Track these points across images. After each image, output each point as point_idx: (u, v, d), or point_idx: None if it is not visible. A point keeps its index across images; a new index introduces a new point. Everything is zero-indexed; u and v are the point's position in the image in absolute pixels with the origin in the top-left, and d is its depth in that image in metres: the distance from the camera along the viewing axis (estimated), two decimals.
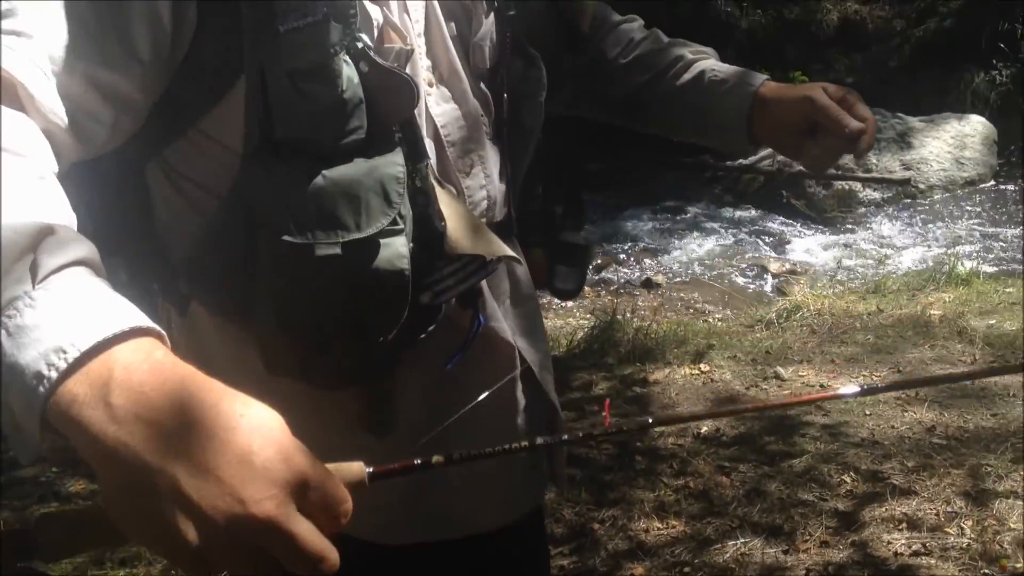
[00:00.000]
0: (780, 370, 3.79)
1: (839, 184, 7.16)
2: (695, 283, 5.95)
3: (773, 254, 6.43)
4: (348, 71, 0.91)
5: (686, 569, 2.50)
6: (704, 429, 3.25)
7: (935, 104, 7.79)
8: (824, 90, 1.19)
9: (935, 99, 7.88)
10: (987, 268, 5.71)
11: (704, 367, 3.84)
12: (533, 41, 1.14)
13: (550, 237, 1.24)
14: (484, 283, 1.10)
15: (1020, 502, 2.72)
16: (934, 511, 2.72)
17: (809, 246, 6.56)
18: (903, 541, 2.59)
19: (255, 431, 0.59)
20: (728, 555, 2.55)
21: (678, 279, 6.06)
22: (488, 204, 1.12)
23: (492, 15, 1.10)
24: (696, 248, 6.54)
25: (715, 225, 6.91)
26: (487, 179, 1.11)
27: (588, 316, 4.73)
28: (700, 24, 8.22)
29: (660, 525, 2.70)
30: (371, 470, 0.68)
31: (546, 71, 1.15)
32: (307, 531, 0.59)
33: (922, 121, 7.51)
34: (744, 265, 6.23)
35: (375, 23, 0.97)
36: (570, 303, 5.58)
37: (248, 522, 0.57)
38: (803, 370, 3.83)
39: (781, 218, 6.98)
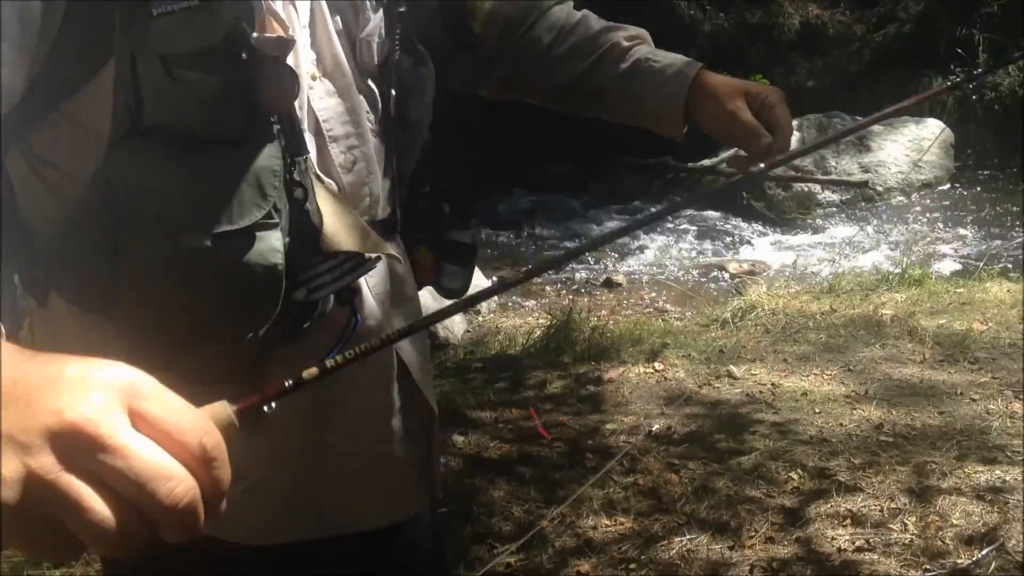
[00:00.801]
0: (733, 368, 3.82)
1: (798, 186, 7.23)
2: (655, 283, 5.99)
3: (732, 255, 6.48)
4: (226, 59, 0.89)
5: (632, 566, 2.51)
6: (656, 427, 3.27)
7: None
8: (747, 94, 1.23)
9: (894, 103, 7.97)
10: (941, 269, 5.80)
11: (658, 366, 3.87)
12: (423, 39, 1.13)
13: (437, 236, 1.22)
14: (364, 282, 1.08)
15: (963, 499, 2.76)
16: (878, 507, 2.75)
17: (768, 247, 6.62)
18: (847, 537, 2.63)
19: (71, 360, 0.51)
20: (674, 551, 2.57)
21: (638, 279, 6.09)
22: (371, 201, 1.10)
23: (380, 11, 1.09)
24: (657, 248, 6.58)
25: (676, 226, 6.95)
26: (370, 176, 1.09)
27: (547, 315, 4.74)
28: (664, 27, 8.26)
29: (608, 522, 2.71)
30: (236, 406, 0.58)
31: (440, 68, 1.15)
32: (143, 445, 0.48)
33: (880, 124, 7.60)
34: (704, 266, 6.27)
35: (255, 11, 0.93)
36: (530, 302, 5.61)
37: (61, 434, 0.47)
38: (756, 368, 3.86)
39: (741, 219, 7.04)
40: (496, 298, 5.43)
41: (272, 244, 0.92)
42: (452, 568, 2.51)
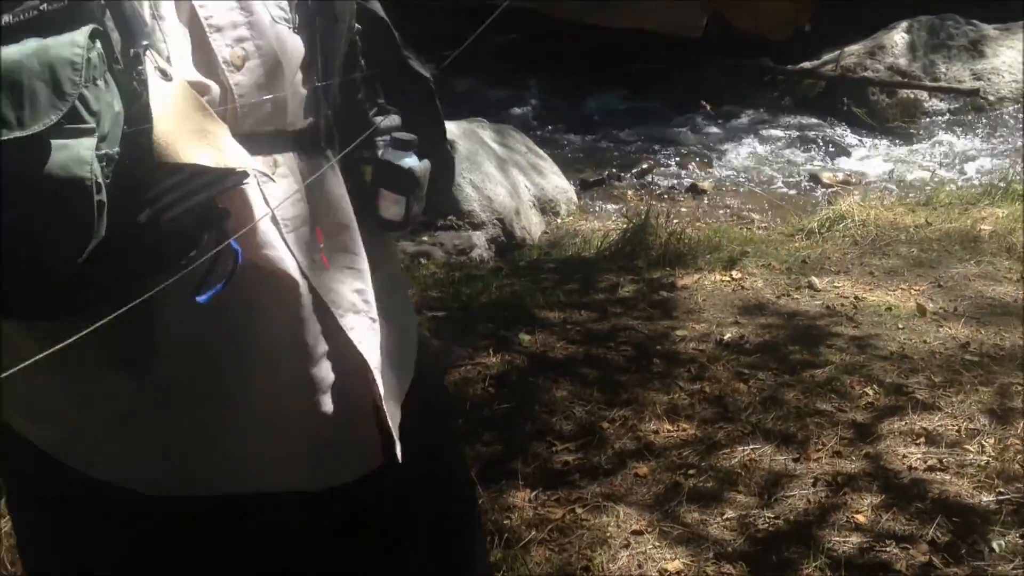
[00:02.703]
0: (815, 280, 3.69)
1: (904, 92, 6.86)
2: (743, 191, 5.80)
3: (828, 164, 6.22)
4: None
5: (691, 471, 2.47)
6: (728, 336, 3.19)
7: (1014, 12, 7.36)
8: None
9: (1015, 5, 7.44)
10: None
11: (736, 274, 3.75)
12: None
13: (372, 154, 1.05)
14: (258, 204, 0.93)
15: None
16: (955, 427, 2.64)
17: (867, 156, 6.33)
18: (919, 456, 2.53)
19: None
20: (736, 460, 2.52)
21: (725, 186, 5.90)
22: (274, 107, 0.94)
23: None
24: (748, 155, 6.36)
25: (770, 132, 6.69)
26: (266, 75, 0.93)
27: (625, 219, 4.64)
28: None
29: (670, 427, 2.67)
30: None
31: None
32: None
33: (997, 29, 7.12)
34: (796, 174, 6.04)
35: None
36: (611, 206, 5.50)
37: None
38: (839, 281, 3.72)
39: (840, 126, 6.73)
40: (576, 200, 5.35)
41: (78, 153, 0.75)
42: (510, 462, 2.51)
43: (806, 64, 7.26)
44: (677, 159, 6.25)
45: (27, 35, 0.74)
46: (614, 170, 6.01)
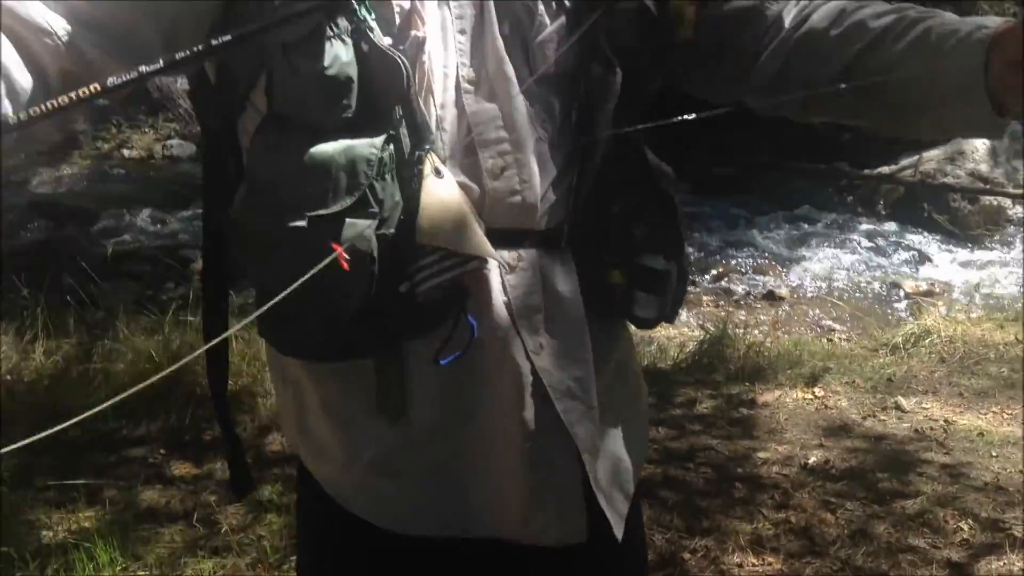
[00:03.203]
0: (901, 400, 3.58)
1: (986, 199, 6.74)
2: (821, 299, 5.70)
3: (909, 272, 6.10)
4: (341, 49, 0.95)
5: None
6: (812, 459, 3.10)
7: None
8: None
9: None
10: None
11: (818, 391, 3.67)
12: (619, 46, 1.07)
13: (627, 259, 1.15)
14: (503, 291, 1.07)
15: None
16: None
17: (950, 265, 6.20)
18: None
19: None
20: None
21: (804, 293, 5.82)
22: (522, 209, 1.07)
23: (562, 18, 1.07)
24: (827, 261, 6.27)
25: (848, 237, 6.61)
26: (523, 184, 1.06)
27: (701, 328, 4.59)
28: None
29: (755, 561, 2.58)
30: None
31: (650, 76, 1.12)
32: None
33: None
34: (877, 282, 5.93)
35: (396, 8, 0.99)
36: (685, 312, 5.45)
37: None
38: (927, 402, 3.61)
39: (921, 233, 6.62)
40: None
41: (361, 232, 0.97)
42: None
43: (884, 169, 7.20)
44: (754, 264, 6.20)
45: (344, 135, 0.96)
46: (690, 274, 5.99)
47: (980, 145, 7.04)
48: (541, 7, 1.07)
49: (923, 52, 1.07)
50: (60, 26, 0.90)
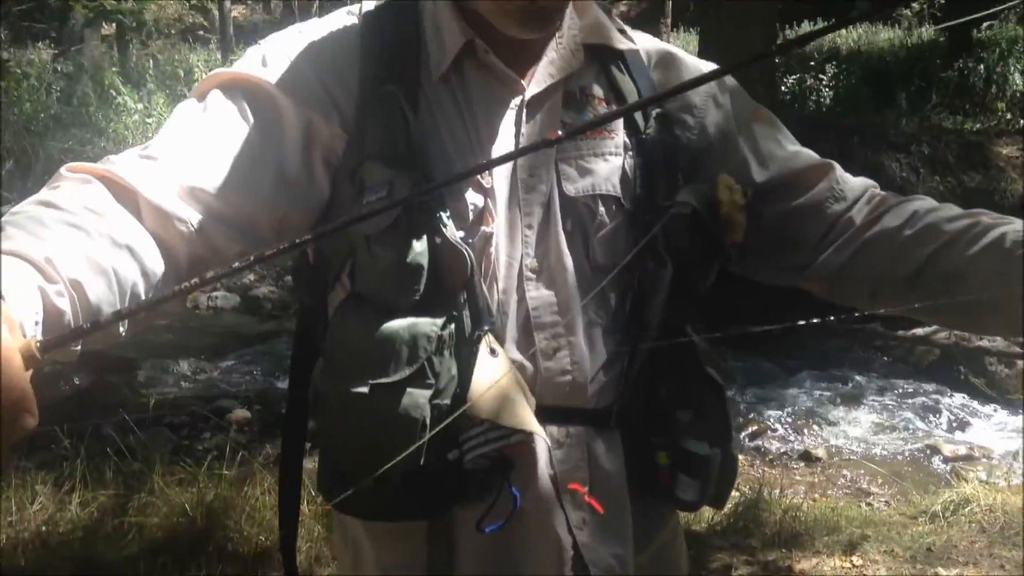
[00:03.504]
0: (941, 572, 3.50)
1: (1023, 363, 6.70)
2: (858, 461, 5.63)
3: (947, 435, 6.03)
4: (415, 241, 1.08)
5: None
6: None
7: None
8: None
9: None
10: None
11: (856, 560, 3.60)
12: (670, 245, 1.18)
13: (672, 442, 1.21)
14: (549, 463, 1.15)
15: None
16: None
17: (989, 429, 6.11)
18: None
19: None
20: None
21: (840, 455, 5.75)
22: (572, 389, 1.16)
23: (621, 217, 1.19)
24: (863, 422, 6.22)
25: (885, 399, 6.57)
26: (574, 366, 1.16)
27: (736, 489, 4.54)
28: None
29: None
30: (39, 340, 0.76)
31: (701, 274, 1.21)
32: None
33: None
34: (915, 445, 5.85)
35: (471, 206, 1.14)
36: None
37: None
38: (968, 573, 3.51)
39: (959, 396, 6.56)
40: None
41: (417, 401, 1.06)
42: None
43: (918, 331, 7.22)
44: (790, 423, 6.16)
45: (412, 314, 1.08)
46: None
47: None
48: (602, 208, 1.19)
49: (996, 257, 1.11)
50: (193, 217, 1.04)
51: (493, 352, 1.10)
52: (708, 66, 1.33)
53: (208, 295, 8.61)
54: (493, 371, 1.09)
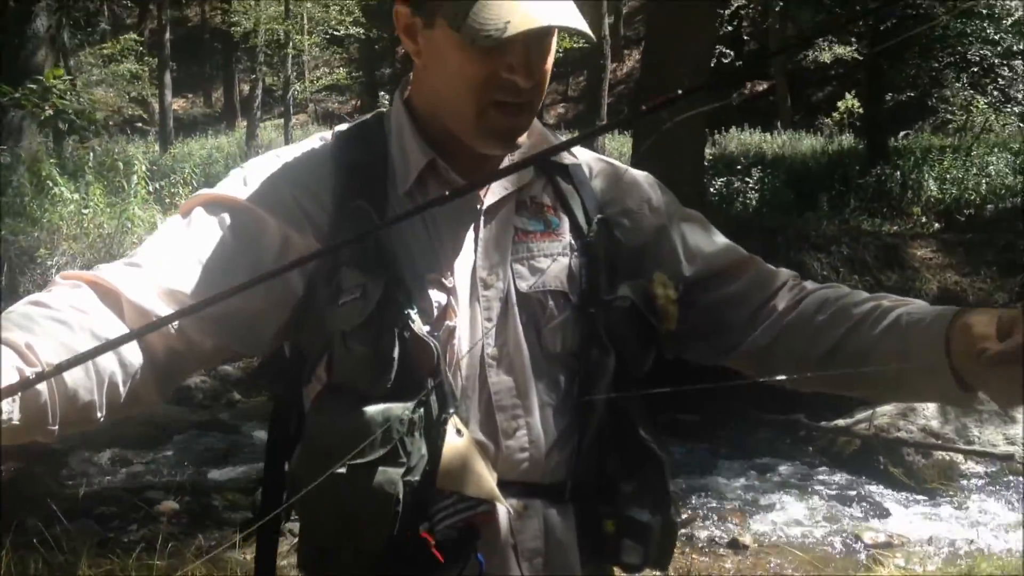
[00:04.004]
0: None
1: (939, 454, 6.96)
2: (784, 547, 5.77)
3: (868, 522, 6.21)
4: (386, 336, 1.19)
5: None
6: None
7: None
8: (999, 320, 1.13)
9: None
10: None
11: None
12: (616, 334, 1.32)
13: (617, 511, 1.33)
14: (509, 533, 1.27)
15: None
16: None
17: (906, 517, 6.31)
18: None
19: None
20: None
21: (767, 541, 5.89)
22: (529, 466, 1.30)
23: (568, 311, 1.34)
24: (788, 510, 6.38)
25: (809, 487, 6.76)
26: (531, 444, 1.29)
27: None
28: None
29: None
30: None
31: (640, 360, 1.34)
32: None
33: None
34: (837, 533, 6.02)
35: (435, 304, 1.26)
36: None
37: None
38: None
39: (878, 484, 6.78)
40: None
41: (391, 478, 1.17)
42: None
43: (840, 422, 7.47)
44: (718, 510, 6.29)
45: (384, 400, 1.19)
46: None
47: (930, 403, 7.36)
48: (551, 302, 1.33)
49: (895, 337, 1.26)
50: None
51: (459, 432, 1.22)
52: (641, 174, 1.51)
53: None
54: (460, 449, 1.21)
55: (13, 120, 12.22)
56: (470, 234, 1.32)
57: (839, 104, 21.54)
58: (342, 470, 1.15)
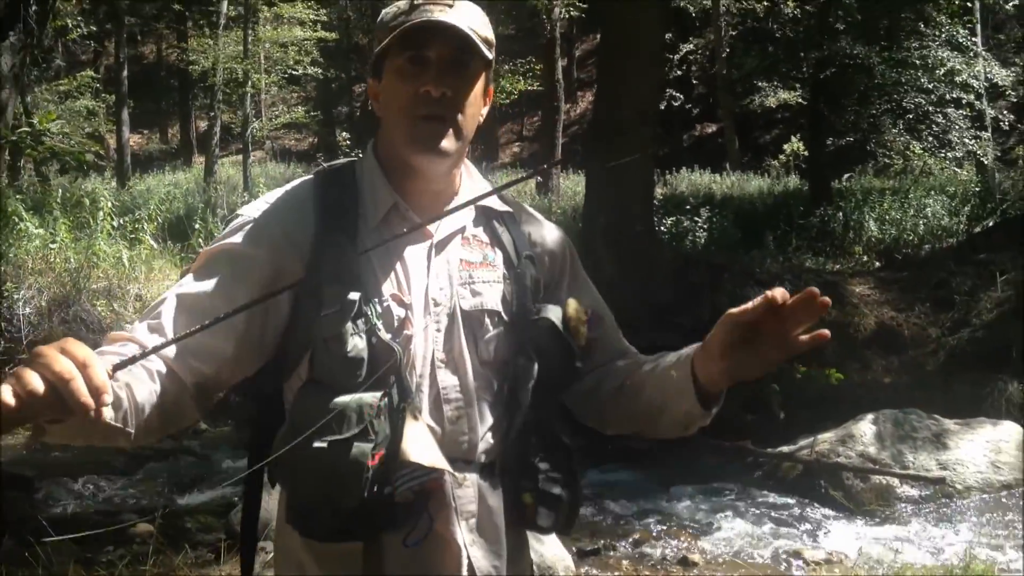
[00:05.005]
0: None
1: (876, 478, 7.37)
2: (731, 564, 6.11)
3: (809, 542, 6.58)
4: (359, 341, 1.52)
5: None
6: None
7: (970, 410, 8.09)
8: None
9: (970, 405, 8.19)
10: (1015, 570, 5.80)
11: None
12: (538, 347, 1.67)
13: (534, 486, 1.67)
14: (451, 498, 1.60)
15: None
16: None
17: (845, 537, 6.69)
18: None
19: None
20: None
21: (715, 559, 6.22)
22: (468, 447, 1.64)
23: (501, 328, 1.69)
24: (734, 530, 6.73)
25: (754, 509, 7.11)
26: (470, 431, 1.64)
27: None
28: None
29: None
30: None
31: (557, 368, 1.67)
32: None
33: (957, 424, 7.79)
34: (781, 551, 6.38)
35: (396, 316, 1.59)
36: (607, 574, 5.79)
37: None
38: None
39: (819, 507, 7.16)
40: (573, 568, 5.66)
41: (363, 450, 1.47)
42: None
43: (784, 448, 7.86)
44: (669, 531, 6.62)
45: (356, 391, 1.51)
46: (609, 540, 6.37)
47: (867, 429, 7.78)
48: (487, 319, 1.68)
49: (658, 365, 1.67)
50: (191, 360, 1.52)
51: (415, 417, 1.55)
52: (552, 226, 1.87)
53: None
54: (416, 430, 1.54)
55: None
56: (423, 262, 1.66)
57: (785, 147, 22.33)
58: (323, 444, 1.46)
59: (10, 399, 1.10)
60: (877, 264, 13.39)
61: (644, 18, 10.31)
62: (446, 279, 1.67)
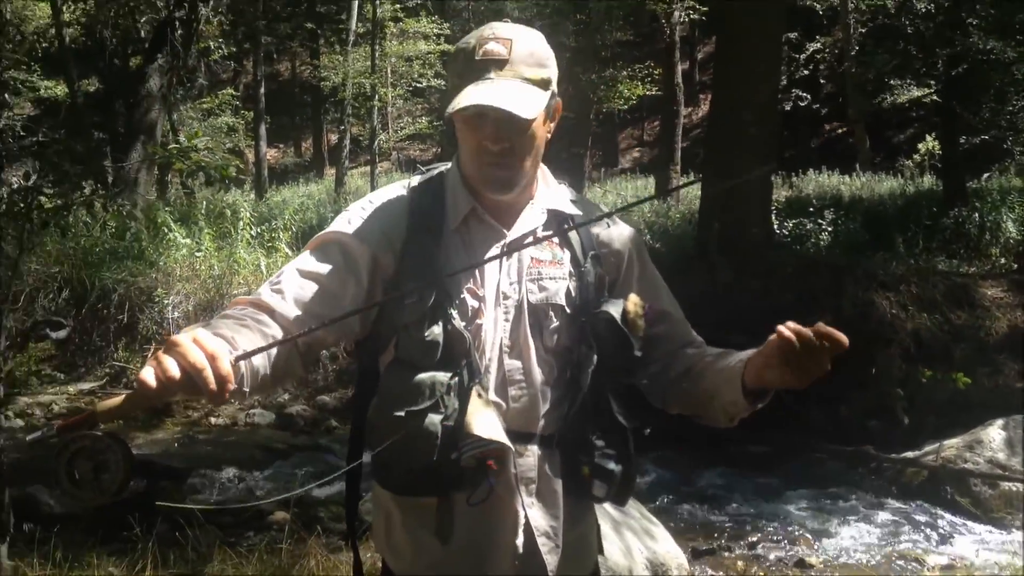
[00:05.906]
0: None
1: (1005, 484, 7.16)
2: (849, 568, 6.08)
3: (932, 548, 6.46)
4: (436, 328, 1.75)
5: None
6: None
7: None
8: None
9: None
10: None
11: None
12: (599, 337, 1.84)
13: (591, 460, 1.85)
14: (513, 465, 1.80)
15: None
16: None
17: (972, 544, 6.54)
18: None
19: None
20: None
21: (833, 563, 6.20)
22: (530, 422, 1.83)
23: (564, 320, 1.87)
24: (855, 535, 6.67)
25: (876, 514, 7.02)
26: (532, 408, 1.83)
27: None
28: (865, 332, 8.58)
29: None
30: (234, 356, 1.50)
31: (616, 357, 1.84)
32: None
33: None
34: (902, 557, 6.29)
35: (470, 307, 1.80)
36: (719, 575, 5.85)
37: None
38: None
39: (944, 513, 7.01)
40: (687, 566, 5.75)
41: (434, 421, 1.71)
42: None
43: (908, 454, 7.72)
44: (786, 534, 6.61)
45: (432, 370, 1.74)
46: (725, 541, 6.42)
47: (996, 435, 7.57)
48: (552, 312, 1.86)
49: (718, 359, 1.86)
50: (302, 319, 1.74)
51: (480, 395, 1.75)
52: (626, 228, 2.03)
53: (246, 412, 9.24)
54: (481, 406, 1.74)
55: (128, 174, 13.25)
56: (496, 260, 1.85)
57: (920, 146, 21.55)
58: (401, 413, 1.71)
59: (151, 381, 1.37)
60: (1015, 266, 12.83)
61: (761, 18, 10.26)
62: (516, 275, 1.86)
